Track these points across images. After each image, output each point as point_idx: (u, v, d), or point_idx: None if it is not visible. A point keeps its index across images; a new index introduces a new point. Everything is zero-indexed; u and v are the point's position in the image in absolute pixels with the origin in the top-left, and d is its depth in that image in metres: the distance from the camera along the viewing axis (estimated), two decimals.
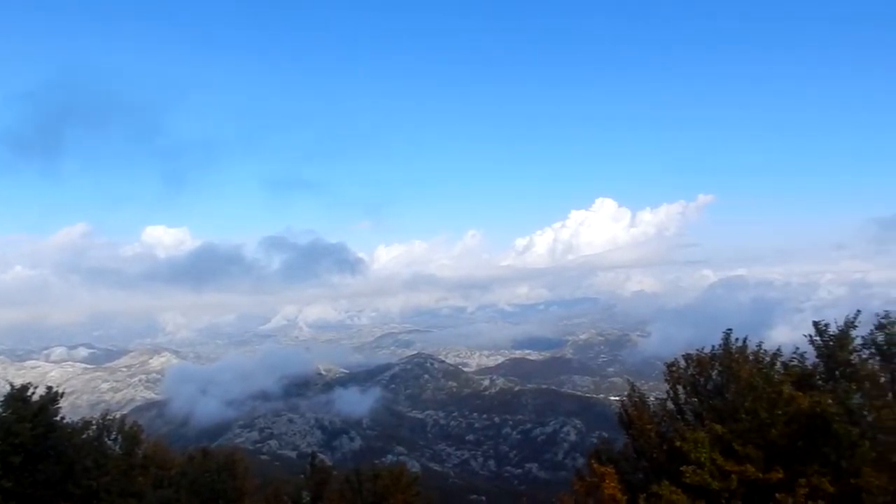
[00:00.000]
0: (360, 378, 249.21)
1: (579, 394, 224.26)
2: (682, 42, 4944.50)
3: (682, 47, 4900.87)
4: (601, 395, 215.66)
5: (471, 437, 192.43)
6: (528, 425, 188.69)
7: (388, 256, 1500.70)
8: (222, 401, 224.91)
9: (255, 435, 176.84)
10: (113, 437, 27.18)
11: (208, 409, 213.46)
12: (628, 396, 18.68)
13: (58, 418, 24.94)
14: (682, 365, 18.34)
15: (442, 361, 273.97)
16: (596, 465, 16.07)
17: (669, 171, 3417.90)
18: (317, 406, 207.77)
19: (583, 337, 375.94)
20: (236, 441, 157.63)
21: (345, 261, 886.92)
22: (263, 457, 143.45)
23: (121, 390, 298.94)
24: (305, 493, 30.65)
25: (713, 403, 16.95)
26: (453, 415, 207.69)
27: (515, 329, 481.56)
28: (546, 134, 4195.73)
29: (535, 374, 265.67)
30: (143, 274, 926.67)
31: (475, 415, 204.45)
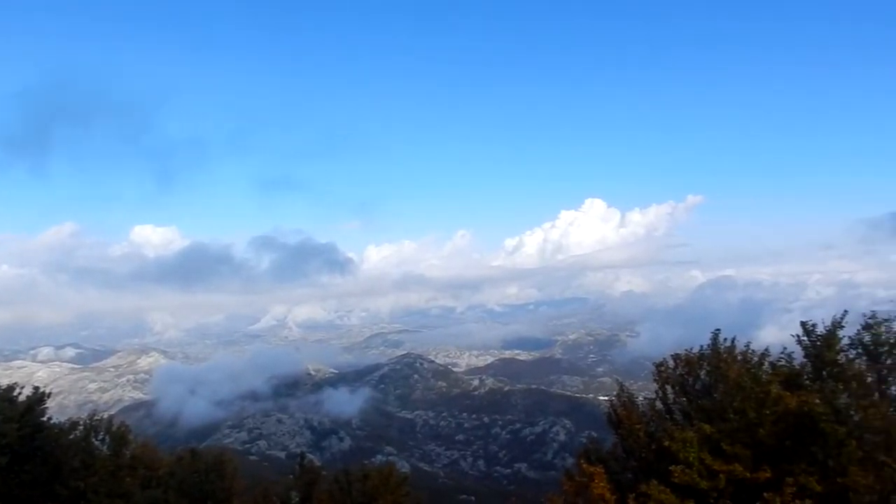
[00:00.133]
0: (350, 378, 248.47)
1: (569, 394, 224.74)
2: (671, 43, 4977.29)
3: (671, 48, 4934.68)
4: (590, 395, 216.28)
5: (460, 437, 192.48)
6: (518, 425, 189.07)
7: (377, 256, 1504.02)
8: (211, 401, 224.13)
9: (244, 435, 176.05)
10: (101, 438, 27.02)
11: (197, 410, 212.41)
12: (617, 396, 18.74)
13: (45, 419, 24.84)
14: (671, 365, 18.42)
15: (431, 361, 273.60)
16: (585, 465, 16.11)
17: (659, 172, 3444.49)
18: (306, 406, 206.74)
19: (572, 337, 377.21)
20: (225, 441, 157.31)
21: (334, 261, 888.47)
22: (252, 457, 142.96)
23: (109, 390, 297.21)
24: (294, 494, 30.57)
25: (702, 403, 17.03)
26: (443, 415, 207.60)
27: (505, 329, 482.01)
28: (535, 134, 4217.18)
29: (524, 374, 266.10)
30: (132, 273, 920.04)
31: (465, 415, 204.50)
